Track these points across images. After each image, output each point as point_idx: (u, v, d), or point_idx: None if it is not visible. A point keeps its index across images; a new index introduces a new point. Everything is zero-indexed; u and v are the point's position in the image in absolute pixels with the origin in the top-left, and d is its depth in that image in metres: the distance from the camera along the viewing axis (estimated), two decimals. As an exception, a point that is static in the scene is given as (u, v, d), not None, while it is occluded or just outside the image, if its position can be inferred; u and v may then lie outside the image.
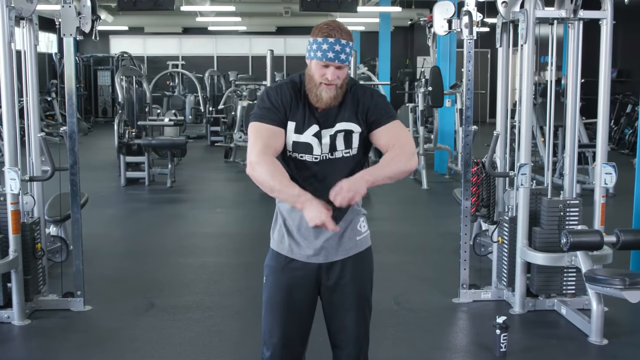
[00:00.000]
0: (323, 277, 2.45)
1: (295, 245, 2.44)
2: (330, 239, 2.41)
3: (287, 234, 2.45)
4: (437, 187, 9.37)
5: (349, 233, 2.45)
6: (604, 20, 4.33)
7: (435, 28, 4.79)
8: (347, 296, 2.47)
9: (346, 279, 2.45)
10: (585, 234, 4.16)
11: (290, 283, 2.46)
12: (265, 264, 2.56)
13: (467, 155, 4.66)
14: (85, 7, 4.30)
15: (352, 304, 2.47)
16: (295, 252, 2.45)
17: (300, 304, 2.47)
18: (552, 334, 4.16)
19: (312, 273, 2.45)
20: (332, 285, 2.46)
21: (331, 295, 2.47)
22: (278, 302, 2.48)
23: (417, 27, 18.28)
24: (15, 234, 4.18)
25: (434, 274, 5.32)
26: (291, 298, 2.46)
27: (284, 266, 2.47)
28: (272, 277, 2.51)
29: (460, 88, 9.72)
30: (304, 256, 2.44)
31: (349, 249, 2.45)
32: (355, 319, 2.49)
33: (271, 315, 2.50)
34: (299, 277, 2.45)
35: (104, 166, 10.67)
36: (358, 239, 2.47)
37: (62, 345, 4.04)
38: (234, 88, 14.18)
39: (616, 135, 13.07)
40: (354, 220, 2.47)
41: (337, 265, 2.44)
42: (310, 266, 2.44)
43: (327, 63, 2.30)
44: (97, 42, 7.17)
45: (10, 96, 4.14)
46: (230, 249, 6.26)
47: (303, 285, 2.46)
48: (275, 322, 2.49)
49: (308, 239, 2.42)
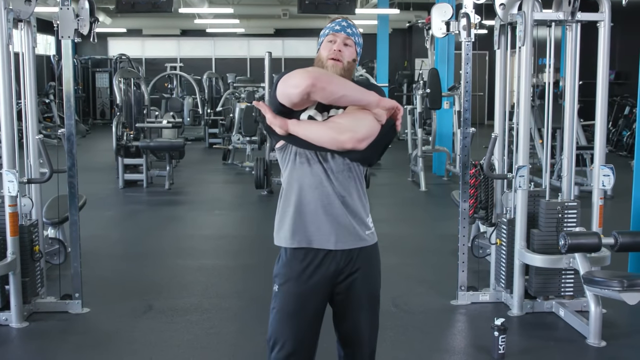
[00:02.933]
0: (337, 274, 2.41)
1: (308, 230, 2.38)
2: (341, 222, 2.38)
3: (299, 219, 2.39)
4: (435, 189, 9.38)
5: (357, 220, 2.42)
6: (601, 22, 4.34)
7: (433, 30, 4.79)
8: (359, 296, 2.47)
9: (358, 277, 2.44)
10: (583, 236, 4.17)
11: (306, 291, 2.41)
12: (275, 273, 2.47)
13: (465, 157, 4.66)
14: (84, 9, 4.29)
15: (364, 305, 2.48)
16: (309, 238, 2.38)
17: (313, 312, 2.43)
18: (550, 336, 4.16)
19: (327, 275, 2.41)
20: (345, 284, 2.43)
21: (344, 295, 2.45)
22: (292, 311, 2.42)
23: (415, 29, 18.31)
24: (13, 236, 4.17)
25: (432, 276, 5.32)
26: (306, 306, 2.42)
27: (299, 274, 2.41)
28: (286, 286, 2.43)
29: (458, 90, 9.72)
30: (317, 241, 2.38)
31: (359, 238, 2.43)
32: (368, 320, 2.51)
33: (283, 325, 2.43)
34: (315, 283, 2.40)
35: (102, 168, 10.66)
36: (367, 233, 2.46)
37: (60, 347, 4.03)
38: (232, 90, 14.18)
39: (614, 137, 13.09)
40: (361, 212, 2.45)
41: (351, 260, 2.42)
42: (324, 261, 2.39)
43: (334, 34, 2.43)
44: (95, 44, 7.15)
45: (8, 98, 4.14)
46: (228, 251, 6.26)
47: (318, 290, 2.42)
48: (287, 332, 2.43)
49: (320, 220, 2.38)
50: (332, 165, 2.37)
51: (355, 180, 2.42)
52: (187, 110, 15.67)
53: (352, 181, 2.41)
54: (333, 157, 2.37)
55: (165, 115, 12.09)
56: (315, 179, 2.37)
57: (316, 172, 2.37)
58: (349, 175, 2.40)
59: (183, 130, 14.04)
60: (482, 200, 4.90)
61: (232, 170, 11.01)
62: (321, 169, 2.37)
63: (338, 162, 2.38)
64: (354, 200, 2.42)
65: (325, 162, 2.38)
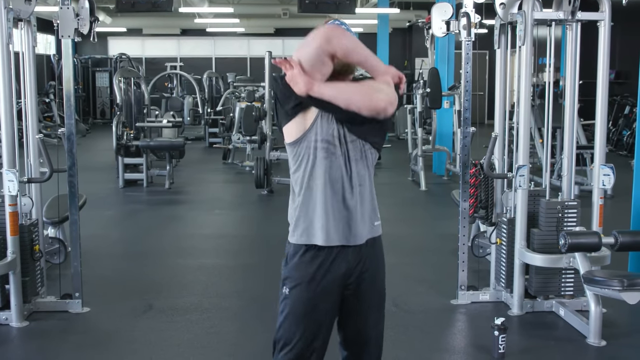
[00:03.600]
0: (349, 275, 2.40)
1: (325, 227, 2.36)
2: (357, 216, 2.38)
3: (315, 217, 2.37)
4: (435, 188, 9.38)
5: (369, 213, 2.43)
6: (601, 21, 4.34)
7: (433, 29, 4.79)
8: (369, 296, 2.48)
9: (367, 278, 2.45)
10: (583, 235, 4.17)
11: (317, 294, 2.39)
12: (285, 275, 2.43)
13: (465, 157, 4.66)
14: (84, 9, 4.30)
15: (374, 305, 2.51)
16: (325, 235, 2.36)
17: (324, 315, 2.42)
18: (550, 336, 4.16)
19: (338, 276, 2.39)
20: (355, 285, 2.43)
21: (354, 296, 2.45)
22: (304, 314, 2.40)
23: (415, 28, 18.30)
24: (14, 236, 4.18)
25: (432, 276, 5.32)
26: (318, 309, 2.40)
27: (311, 277, 2.37)
28: (297, 290, 2.39)
29: (458, 89, 9.72)
30: (331, 238, 2.36)
31: (371, 228, 2.44)
32: (377, 320, 2.53)
33: (295, 327, 2.41)
34: (326, 285, 2.38)
35: (102, 168, 10.66)
36: (376, 224, 2.48)
37: (60, 347, 4.03)
38: (232, 89, 14.18)
39: (614, 137, 13.09)
40: (374, 202, 2.47)
41: (360, 255, 2.41)
42: (336, 261, 2.37)
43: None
44: (96, 43, 7.15)
45: (8, 98, 4.14)
46: (228, 251, 6.26)
47: (330, 292, 2.40)
48: (298, 334, 2.41)
49: (341, 215, 2.37)
50: (351, 152, 2.36)
51: (368, 169, 2.42)
52: (187, 109, 15.67)
53: (367, 170, 2.41)
54: (353, 141, 2.35)
55: (165, 115, 12.06)
56: (337, 172, 2.35)
57: (338, 164, 2.34)
58: (364, 165, 2.40)
59: (183, 130, 14.03)
60: (482, 199, 4.90)
61: (232, 170, 11.01)
62: (342, 160, 2.35)
63: (356, 148, 2.36)
64: (367, 191, 2.42)
65: (346, 147, 2.35)
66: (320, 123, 2.34)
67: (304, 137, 2.35)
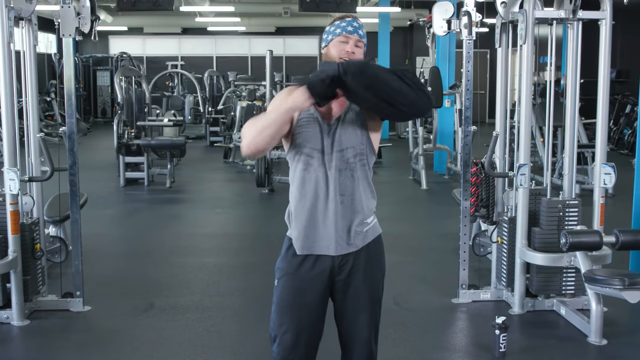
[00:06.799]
0: (335, 274, 2.42)
1: (308, 236, 2.39)
2: (339, 229, 2.38)
3: (298, 227, 2.41)
4: (436, 187, 9.38)
5: (356, 222, 2.41)
6: (603, 20, 4.33)
7: (434, 28, 4.79)
8: (358, 297, 2.46)
9: (358, 278, 2.44)
10: (584, 234, 4.16)
11: (302, 286, 2.42)
12: (276, 267, 2.51)
13: (466, 156, 4.66)
14: (85, 8, 4.30)
15: (364, 306, 2.47)
16: (310, 245, 2.40)
17: (311, 305, 2.43)
18: (551, 334, 4.16)
19: (324, 272, 2.41)
20: (344, 284, 2.43)
21: (343, 295, 2.45)
22: (289, 304, 2.43)
23: (416, 27, 18.29)
24: (15, 235, 4.18)
25: (433, 274, 5.32)
26: (303, 301, 2.42)
27: (296, 269, 2.42)
28: (283, 280, 2.45)
29: (459, 88, 9.72)
30: (316, 248, 2.39)
31: (357, 242, 2.42)
32: (367, 321, 2.48)
33: (282, 317, 2.45)
34: (311, 279, 2.41)
35: (103, 166, 10.67)
36: (365, 230, 2.44)
37: (61, 345, 4.03)
38: (233, 88, 14.18)
39: (615, 136, 13.08)
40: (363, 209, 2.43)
41: (349, 261, 2.42)
42: (322, 263, 2.40)
43: (347, 36, 2.40)
44: (97, 42, 7.17)
45: (9, 96, 4.14)
46: (229, 249, 6.26)
47: (315, 287, 2.42)
48: (285, 325, 2.44)
49: (317, 229, 2.38)
50: (335, 162, 2.35)
51: (356, 180, 2.39)
52: (188, 108, 15.67)
53: (353, 181, 2.39)
54: (340, 150, 2.35)
55: (166, 114, 12.08)
56: (311, 185, 2.37)
57: (314, 177, 2.36)
58: (349, 175, 2.38)
59: (184, 129, 14.03)
60: (483, 198, 4.90)
61: (233, 169, 11.02)
62: (321, 171, 2.36)
63: (342, 158, 2.36)
64: (353, 200, 2.39)
65: (330, 157, 2.35)
66: (305, 135, 2.37)
67: (291, 147, 2.41)
